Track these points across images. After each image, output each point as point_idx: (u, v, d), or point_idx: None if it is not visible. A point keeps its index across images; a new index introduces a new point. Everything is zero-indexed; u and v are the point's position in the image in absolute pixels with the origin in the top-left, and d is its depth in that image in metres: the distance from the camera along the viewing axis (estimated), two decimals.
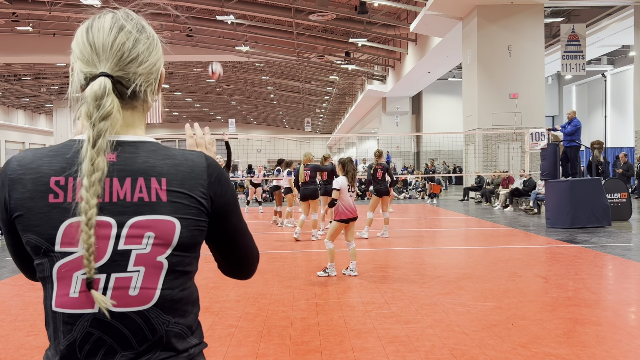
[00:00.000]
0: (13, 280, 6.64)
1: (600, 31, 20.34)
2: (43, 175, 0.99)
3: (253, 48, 27.12)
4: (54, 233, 0.97)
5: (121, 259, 0.99)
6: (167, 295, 1.02)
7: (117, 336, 1.00)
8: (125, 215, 0.99)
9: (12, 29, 24.97)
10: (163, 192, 1.01)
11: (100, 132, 0.97)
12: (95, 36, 1.02)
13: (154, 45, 1.07)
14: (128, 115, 1.05)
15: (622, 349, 3.70)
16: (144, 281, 1.00)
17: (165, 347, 1.03)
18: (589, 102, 30.32)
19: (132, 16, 1.07)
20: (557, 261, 7.07)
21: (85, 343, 0.99)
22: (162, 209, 1.00)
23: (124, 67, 1.02)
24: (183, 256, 1.03)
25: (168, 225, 1.00)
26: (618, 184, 12.06)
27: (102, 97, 0.98)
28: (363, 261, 7.37)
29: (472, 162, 18.82)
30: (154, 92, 1.09)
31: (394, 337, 4.05)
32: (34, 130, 48.38)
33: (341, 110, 51.07)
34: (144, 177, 1.00)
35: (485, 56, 17.58)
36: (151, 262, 1.00)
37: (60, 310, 1.00)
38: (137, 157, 1.01)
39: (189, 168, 1.04)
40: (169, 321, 1.03)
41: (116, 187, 0.99)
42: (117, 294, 0.99)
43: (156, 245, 1.00)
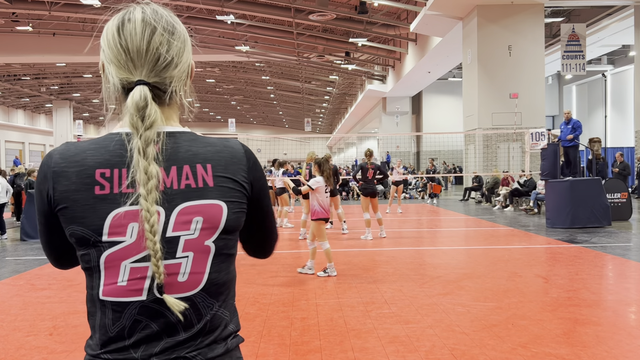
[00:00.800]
0: (13, 280, 6.64)
1: (601, 31, 20.33)
2: (87, 167, 1.00)
3: (253, 48, 27.11)
4: (101, 224, 0.99)
5: (169, 246, 1.00)
6: (214, 279, 1.04)
7: (164, 323, 1.01)
8: (173, 202, 1.01)
9: (12, 29, 24.96)
10: (209, 178, 1.04)
11: (148, 140, 0.99)
12: (129, 40, 1.02)
13: (185, 44, 1.08)
14: (165, 111, 1.08)
15: (623, 349, 3.70)
16: (192, 266, 1.02)
17: (208, 332, 1.04)
18: (589, 102, 30.31)
19: (161, 13, 1.06)
20: (557, 261, 7.06)
21: (133, 330, 1.00)
22: (210, 194, 1.03)
23: (159, 73, 1.03)
24: (228, 239, 1.06)
25: (216, 209, 1.03)
26: (618, 184, 12.05)
27: (145, 107, 1.00)
28: (363, 261, 7.37)
29: (472, 162, 18.82)
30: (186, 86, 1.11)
31: (394, 337, 4.05)
32: (33, 130, 48.35)
33: (341, 110, 51.06)
34: (189, 165, 1.03)
35: (485, 56, 17.57)
36: (199, 247, 1.02)
37: (108, 299, 1.01)
38: (179, 147, 1.04)
39: (230, 154, 1.08)
40: (213, 305, 1.05)
41: (163, 176, 1.01)
42: (166, 281, 0.99)
43: (204, 230, 1.02)
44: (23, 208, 11.61)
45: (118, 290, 1.00)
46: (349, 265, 7.03)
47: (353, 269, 6.77)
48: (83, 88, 40.29)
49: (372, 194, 9.53)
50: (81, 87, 39.84)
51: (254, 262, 7.37)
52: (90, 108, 49.15)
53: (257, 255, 1.26)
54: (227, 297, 1.09)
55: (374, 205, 9.64)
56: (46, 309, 5.14)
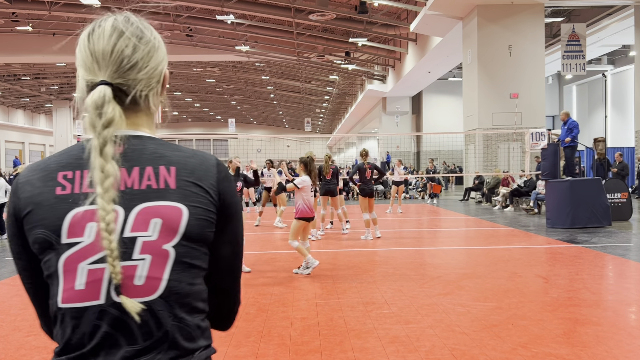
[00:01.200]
0: (13, 280, 6.64)
1: (601, 31, 20.32)
2: (51, 171, 1.01)
3: (253, 48, 27.11)
4: (59, 224, 0.97)
5: (126, 247, 0.97)
6: (174, 288, 1.00)
7: (123, 329, 0.97)
8: (132, 202, 0.98)
9: (11, 29, 24.97)
10: (172, 180, 1.00)
11: (105, 139, 0.97)
12: (95, 43, 1.04)
13: (154, 50, 1.07)
14: (132, 117, 1.06)
15: (623, 349, 3.69)
16: (150, 270, 0.98)
17: (171, 345, 1.00)
18: (589, 102, 30.31)
19: (132, 20, 1.07)
20: (558, 261, 7.06)
21: (92, 336, 0.97)
22: (171, 196, 0.99)
23: (123, 75, 1.03)
24: (191, 247, 1.01)
25: (175, 211, 0.99)
26: (618, 184, 12.05)
27: (103, 105, 0.99)
28: (363, 261, 7.37)
29: (472, 162, 18.81)
30: (158, 94, 1.09)
31: (394, 337, 4.05)
32: (33, 130, 48.35)
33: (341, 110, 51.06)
34: (152, 166, 1.01)
35: (485, 56, 17.57)
36: (157, 250, 0.98)
37: (67, 306, 0.98)
38: (145, 149, 1.02)
39: (199, 161, 1.05)
40: (174, 315, 1.00)
41: (124, 176, 0.99)
42: (123, 284, 0.97)
43: (163, 233, 0.98)
44: None
45: (76, 295, 0.98)
46: (349, 265, 7.03)
47: (353, 269, 6.77)
48: None
49: (370, 194, 9.55)
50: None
51: (253, 262, 7.37)
52: None
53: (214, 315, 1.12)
54: (194, 311, 1.03)
55: (370, 205, 9.65)
56: None
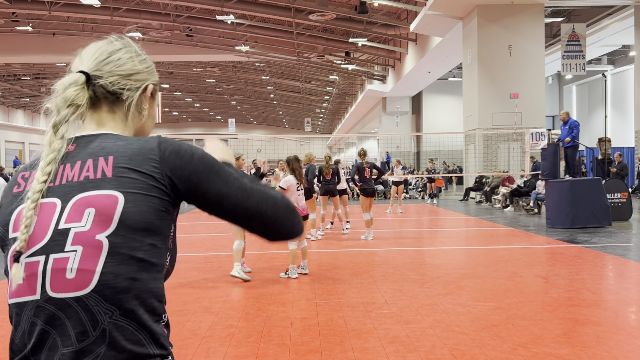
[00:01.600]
0: None
1: (601, 31, 20.32)
2: (17, 174, 1.08)
3: (253, 48, 27.11)
4: (8, 219, 1.00)
5: (60, 238, 0.95)
6: (109, 282, 0.94)
7: (59, 328, 0.93)
8: (70, 194, 0.98)
9: (11, 29, 24.96)
10: (109, 169, 0.98)
11: (62, 118, 1.01)
12: (85, 50, 1.11)
13: (138, 59, 1.11)
14: (104, 116, 1.07)
15: (623, 349, 3.69)
16: (81, 262, 0.94)
17: (110, 345, 0.93)
18: (589, 102, 30.31)
19: (126, 39, 1.13)
20: (558, 261, 7.06)
21: (31, 335, 0.94)
22: (106, 185, 0.97)
23: (101, 68, 1.06)
24: (130, 238, 0.95)
25: (110, 199, 0.96)
26: (618, 184, 12.05)
27: (69, 86, 1.02)
28: (363, 261, 7.37)
29: (472, 162, 18.81)
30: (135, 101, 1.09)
31: (394, 337, 4.05)
32: (33, 130, 48.33)
33: (341, 110, 51.06)
34: (92, 158, 1.01)
35: (485, 56, 17.57)
36: (89, 241, 0.94)
37: (11, 302, 0.98)
38: (91, 144, 1.03)
39: (139, 146, 1.01)
40: (112, 312, 0.93)
41: (67, 171, 1.00)
42: (55, 277, 0.94)
43: (96, 222, 0.95)
44: None
45: (17, 290, 0.96)
46: (349, 265, 7.03)
47: (353, 269, 6.77)
48: None
49: (372, 193, 9.56)
50: None
51: (253, 262, 7.37)
52: None
53: (277, 239, 1.09)
54: (140, 309, 0.96)
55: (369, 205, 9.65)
56: None
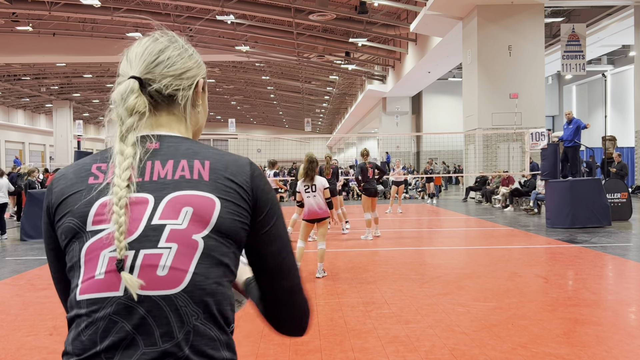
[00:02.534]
0: (13, 280, 6.64)
1: (601, 31, 20.33)
2: (85, 164, 1.03)
3: (253, 48, 27.10)
4: (87, 210, 0.97)
5: (153, 234, 0.93)
6: (200, 283, 0.93)
7: (142, 327, 0.91)
8: (164, 191, 0.96)
9: (12, 29, 24.96)
10: (206, 172, 0.99)
11: (128, 127, 0.99)
12: (132, 50, 1.08)
13: (186, 54, 1.09)
14: (164, 119, 1.07)
15: (623, 349, 3.70)
16: (175, 260, 0.93)
17: (193, 348, 0.92)
18: (589, 102, 30.31)
19: (170, 33, 1.11)
20: (557, 261, 7.06)
21: (107, 333, 0.91)
22: (204, 187, 0.97)
23: (152, 70, 1.04)
24: (221, 242, 0.96)
25: (208, 201, 0.96)
26: (618, 184, 12.05)
27: (128, 96, 1.01)
28: (363, 261, 7.37)
29: (472, 162, 18.81)
30: (190, 101, 1.09)
31: (394, 337, 4.05)
32: (33, 130, 48.33)
33: (341, 110, 51.06)
34: (187, 159, 1.00)
35: (485, 56, 17.57)
36: (186, 240, 0.94)
37: (84, 297, 0.94)
38: (180, 145, 1.02)
39: (233, 158, 1.04)
40: (198, 314, 0.93)
41: (157, 168, 0.99)
42: (145, 274, 0.92)
43: (193, 222, 0.94)
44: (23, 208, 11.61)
45: (95, 285, 0.93)
46: (349, 265, 7.03)
47: (353, 269, 6.77)
48: (83, 88, 40.29)
49: (375, 193, 9.59)
50: (81, 87, 39.84)
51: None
52: (90, 108, 49.16)
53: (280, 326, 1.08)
54: (218, 315, 0.96)
55: (373, 205, 9.69)
56: (46, 309, 5.14)
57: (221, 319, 0.96)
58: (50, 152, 46.60)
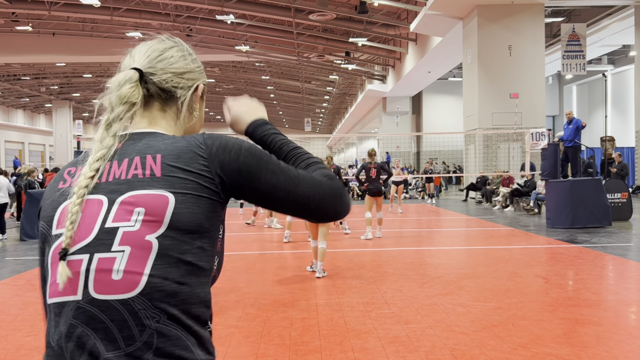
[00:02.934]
0: (13, 280, 6.63)
1: (601, 31, 20.32)
2: (62, 170, 1.06)
3: (253, 48, 27.10)
4: (52, 214, 0.98)
5: (107, 237, 0.92)
6: (158, 285, 0.91)
7: (102, 331, 0.90)
8: (117, 192, 0.95)
9: (11, 29, 24.96)
10: (157, 167, 0.96)
11: (116, 116, 0.99)
12: (135, 48, 1.10)
13: (190, 58, 1.11)
14: (155, 114, 1.06)
15: (623, 349, 3.69)
16: (128, 263, 0.91)
17: (158, 350, 0.90)
18: (590, 102, 30.30)
19: (177, 39, 1.13)
20: (558, 261, 7.06)
21: (69, 338, 0.91)
22: (156, 184, 0.95)
23: (154, 65, 1.05)
24: (180, 240, 0.93)
25: (161, 199, 0.93)
26: (618, 184, 12.04)
27: (124, 83, 1.01)
28: (363, 261, 7.37)
29: (473, 162, 18.81)
30: (187, 100, 1.08)
31: (394, 337, 4.04)
32: (33, 130, 48.33)
33: (341, 110, 51.06)
34: (140, 156, 0.98)
35: (485, 56, 17.56)
36: (138, 242, 0.91)
37: (50, 301, 0.95)
38: (139, 142, 1.02)
39: (186, 143, 0.99)
40: (159, 316, 0.90)
41: (114, 168, 0.99)
42: (100, 278, 0.91)
43: (146, 222, 0.92)
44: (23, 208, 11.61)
45: (57, 289, 0.93)
46: (349, 265, 7.03)
47: (353, 269, 6.77)
48: (83, 88, 40.28)
49: (377, 193, 9.59)
50: (81, 87, 39.84)
51: (253, 262, 7.36)
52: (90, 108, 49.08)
53: (326, 220, 1.09)
54: (187, 315, 0.93)
55: (378, 205, 9.70)
56: None
57: (189, 319, 0.94)
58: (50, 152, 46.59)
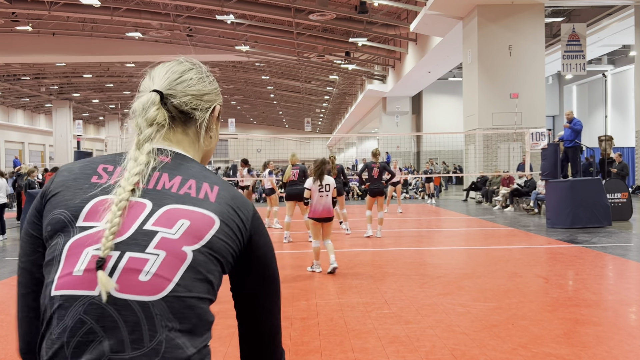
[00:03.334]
0: (13, 280, 6.64)
1: (601, 31, 20.32)
2: (93, 163, 1.03)
3: (253, 48, 27.10)
4: (82, 206, 0.96)
5: (143, 238, 0.92)
6: (181, 294, 0.91)
7: (111, 330, 0.88)
8: (165, 200, 0.96)
9: (11, 29, 24.95)
10: (213, 195, 1.00)
11: (146, 137, 1.01)
12: (154, 69, 1.12)
13: (207, 80, 1.13)
14: (179, 137, 1.09)
15: (623, 349, 3.69)
16: (160, 267, 0.90)
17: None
18: (590, 102, 30.30)
19: (194, 60, 1.15)
20: (558, 261, 7.06)
21: (74, 333, 0.88)
22: (208, 206, 0.97)
23: (174, 87, 1.07)
24: (210, 259, 0.95)
25: (208, 220, 0.96)
26: (618, 184, 12.04)
27: (149, 107, 1.03)
28: (363, 261, 7.37)
29: (473, 162, 18.81)
30: (205, 123, 1.11)
31: (394, 337, 4.04)
32: (33, 130, 48.33)
33: (341, 110, 51.06)
34: (196, 180, 1.01)
35: (485, 56, 17.56)
36: (175, 250, 0.92)
37: (58, 293, 0.91)
38: (191, 166, 1.04)
39: (240, 195, 1.05)
40: (173, 327, 0.90)
41: (164, 179, 0.99)
42: (125, 277, 0.90)
43: (187, 235, 0.93)
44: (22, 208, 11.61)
45: (70, 281, 0.90)
46: (349, 265, 7.03)
47: (353, 269, 6.77)
48: (83, 88, 40.27)
49: (378, 193, 9.63)
50: (81, 87, 39.83)
51: None
52: (90, 108, 49.13)
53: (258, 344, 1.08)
54: (195, 332, 0.93)
55: (379, 204, 9.74)
56: None
57: (197, 335, 0.94)
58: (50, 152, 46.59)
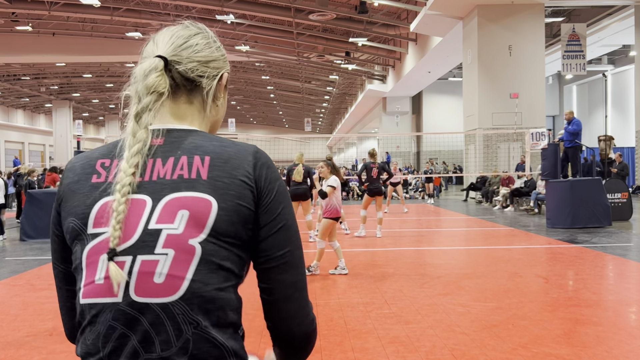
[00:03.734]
0: (13, 280, 6.63)
1: (601, 31, 20.32)
2: (92, 159, 1.01)
3: (253, 48, 27.11)
4: (88, 212, 0.94)
5: (150, 239, 0.91)
6: (198, 290, 0.90)
7: (140, 333, 0.89)
8: (161, 192, 0.93)
9: (11, 29, 24.96)
10: (204, 170, 0.95)
11: (144, 107, 0.96)
12: (158, 34, 1.06)
13: (215, 45, 1.07)
14: (183, 107, 1.03)
15: (623, 349, 3.69)
16: (171, 267, 0.90)
17: (192, 357, 0.90)
18: (590, 102, 30.30)
19: (200, 25, 1.09)
20: (558, 261, 7.06)
21: (108, 339, 0.90)
22: (201, 186, 0.93)
23: (179, 53, 1.02)
24: (220, 246, 0.93)
25: (204, 203, 0.92)
26: (619, 184, 12.04)
27: (150, 72, 0.98)
28: (363, 261, 7.36)
29: (473, 162, 18.81)
30: (212, 90, 1.05)
31: (394, 337, 4.04)
32: (33, 130, 48.34)
33: (341, 110, 51.06)
34: (187, 156, 0.96)
35: (485, 56, 17.56)
36: (182, 245, 0.91)
37: (86, 302, 0.93)
38: (184, 140, 0.99)
39: (236, 150, 0.99)
40: (198, 323, 0.90)
41: (158, 166, 0.96)
42: (142, 281, 0.90)
43: (189, 226, 0.91)
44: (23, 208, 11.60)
45: (95, 290, 0.92)
46: (349, 265, 7.02)
47: (353, 269, 6.77)
48: (83, 88, 40.28)
49: (377, 193, 9.64)
50: (81, 87, 39.83)
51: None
52: (90, 108, 49.14)
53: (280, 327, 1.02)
54: (224, 323, 0.93)
55: (377, 204, 9.75)
56: (46, 309, 5.13)
57: (225, 325, 0.93)
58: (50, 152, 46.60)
